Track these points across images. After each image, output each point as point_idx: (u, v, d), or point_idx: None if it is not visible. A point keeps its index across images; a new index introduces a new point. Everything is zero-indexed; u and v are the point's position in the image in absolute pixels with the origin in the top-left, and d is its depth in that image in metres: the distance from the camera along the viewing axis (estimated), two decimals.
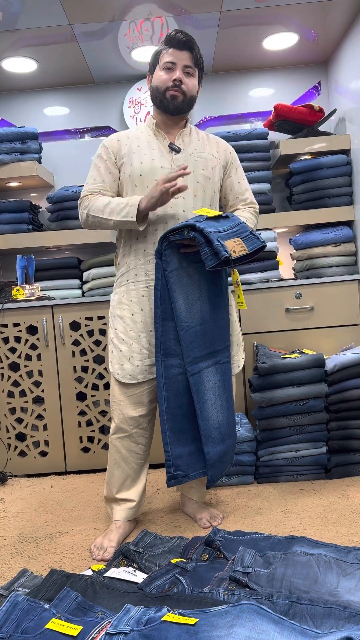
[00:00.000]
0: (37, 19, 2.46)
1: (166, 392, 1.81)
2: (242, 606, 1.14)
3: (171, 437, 1.81)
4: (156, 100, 1.92)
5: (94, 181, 1.93)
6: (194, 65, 1.90)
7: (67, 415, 2.65)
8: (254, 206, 2.02)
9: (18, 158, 2.85)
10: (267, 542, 1.66)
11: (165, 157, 1.90)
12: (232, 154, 2.02)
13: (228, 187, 2.00)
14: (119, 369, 1.88)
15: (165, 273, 1.77)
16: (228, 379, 1.91)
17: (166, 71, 1.89)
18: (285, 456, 2.29)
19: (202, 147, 1.96)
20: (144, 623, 1.12)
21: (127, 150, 1.92)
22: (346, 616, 1.21)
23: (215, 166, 1.95)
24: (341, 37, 2.84)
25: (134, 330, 1.88)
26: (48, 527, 2.03)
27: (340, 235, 2.77)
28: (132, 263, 1.90)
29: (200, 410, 1.80)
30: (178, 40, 1.87)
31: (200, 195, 1.90)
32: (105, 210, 1.84)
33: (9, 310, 2.64)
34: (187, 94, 1.90)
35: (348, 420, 2.30)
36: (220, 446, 1.86)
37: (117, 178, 1.94)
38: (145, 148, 1.92)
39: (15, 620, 1.19)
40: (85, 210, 1.90)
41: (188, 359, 1.79)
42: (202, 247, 1.67)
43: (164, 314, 1.79)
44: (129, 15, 2.50)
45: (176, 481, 1.81)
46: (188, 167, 1.88)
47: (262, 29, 2.70)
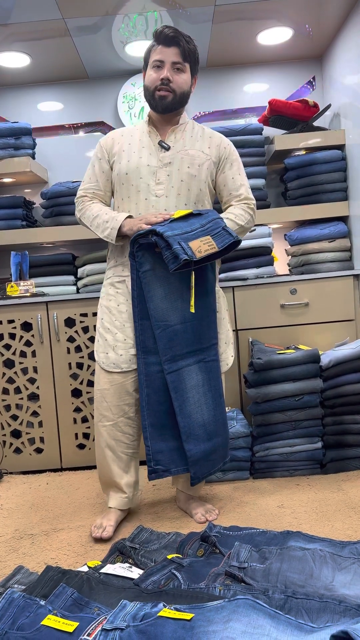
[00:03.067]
0: (30, 13, 2.44)
1: (146, 389, 1.84)
2: (238, 601, 1.14)
3: (152, 432, 1.84)
4: (147, 99, 1.94)
5: (89, 180, 2.00)
6: (183, 61, 1.89)
7: (63, 412, 2.65)
8: (249, 202, 1.97)
9: (12, 154, 2.83)
10: (262, 537, 1.66)
11: (154, 155, 1.91)
12: (226, 149, 1.98)
13: (221, 183, 1.98)
14: (104, 358, 1.92)
15: (139, 274, 1.81)
16: (215, 377, 1.91)
17: (155, 70, 1.89)
18: (280, 451, 2.29)
19: (193, 143, 1.95)
20: (140, 619, 1.12)
21: (119, 148, 1.95)
22: (341, 610, 1.21)
23: (204, 163, 1.93)
24: (336, 32, 2.84)
25: (119, 320, 1.92)
26: (44, 524, 2.03)
27: (335, 230, 2.77)
28: (119, 258, 1.96)
29: (179, 408, 1.82)
30: (165, 36, 1.86)
31: (184, 193, 1.90)
32: (93, 224, 1.94)
33: (3, 307, 2.63)
34: (177, 92, 1.89)
35: (343, 416, 2.31)
36: (205, 444, 1.86)
37: (110, 177, 1.98)
38: (136, 146, 1.93)
39: (11, 617, 1.19)
40: (79, 213, 2.02)
41: (165, 357, 1.81)
42: (164, 251, 1.69)
43: (142, 312, 1.83)
44: (122, 9, 2.48)
45: (156, 475, 1.85)
46: (173, 164, 1.90)
47: (256, 23, 2.69)
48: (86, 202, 1.98)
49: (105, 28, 2.63)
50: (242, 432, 2.29)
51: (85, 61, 2.95)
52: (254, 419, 2.31)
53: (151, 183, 1.89)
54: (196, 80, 1.99)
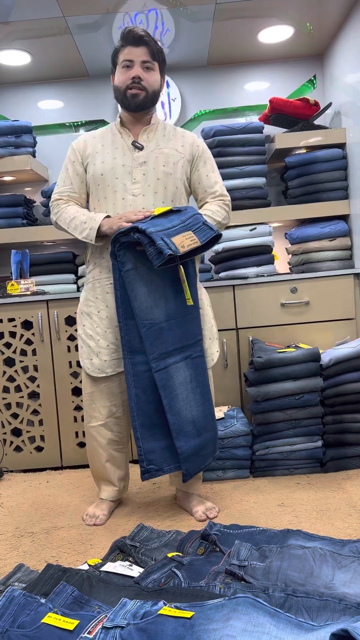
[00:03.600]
0: (31, 11, 2.44)
1: (135, 389, 1.84)
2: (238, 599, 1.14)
3: (142, 432, 1.85)
4: (118, 99, 1.95)
5: (63, 184, 2.01)
6: (152, 60, 1.91)
7: (63, 410, 2.65)
8: (224, 198, 2.00)
9: (12, 152, 2.83)
10: (263, 535, 1.67)
11: (128, 155, 1.93)
12: (199, 147, 2.01)
13: (196, 181, 2.01)
14: (88, 364, 1.97)
15: (122, 273, 1.80)
16: (202, 373, 1.92)
17: (125, 69, 1.91)
18: (280, 450, 2.29)
19: (166, 142, 1.96)
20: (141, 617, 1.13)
21: (92, 150, 1.96)
22: (341, 608, 1.21)
23: (178, 161, 1.95)
24: (336, 30, 2.83)
25: (100, 326, 1.95)
26: (44, 522, 2.03)
27: (336, 229, 2.77)
28: (97, 261, 1.97)
29: (168, 406, 1.82)
30: (133, 37, 1.88)
31: (160, 191, 1.92)
32: (70, 225, 1.94)
33: (4, 306, 2.63)
34: (148, 90, 1.91)
35: (343, 414, 2.31)
36: (195, 440, 1.87)
37: (84, 179, 1.99)
38: (109, 147, 1.95)
39: (11, 615, 1.19)
40: (54, 217, 2.00)
41: (152, 356, 1.81)
42: (147, 247, 1.70)
43: (126, 312, 1.82)
44: (123, 7, 2.48)
45: (149, 475, 1.85)
46: (148, 163, 1.91)
47: (257, 21, 2.68)
48: (61, 205, 1.98)
49: (105, 26, 2.62)
50: (242, 431, 2.29)
51: (86, 59, 2.95)
52: (254, 418, 2.32)
53: (127, 182, 1.90)
54: (164, 80, 2.01)
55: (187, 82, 3.17)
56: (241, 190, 2.79)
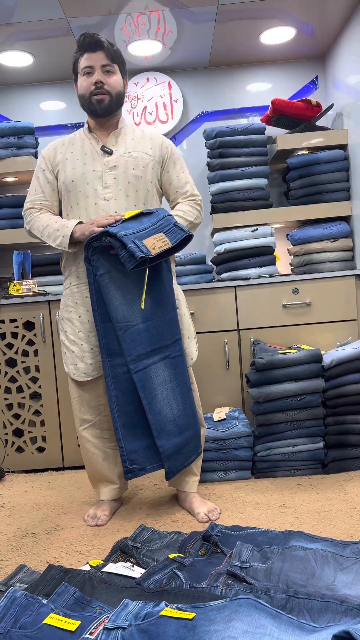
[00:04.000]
0: (33, 12, 2.44)
1: (115, 391, 1.87)
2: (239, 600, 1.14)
3: (124, 432, 1.88)
4: (85, 106, 1.97)
5: (35, 192, 2.02)
6: (111, 62, 1.92)
7: (65, 410, 2.65)
8: (195, 198, 2.03)
9: (14, 153, 2.83)
10: (264, 536, 1.66)
11: (98, 161, 1.94)
12: (168, 148, 2.02)
13: (167, 182, 2.02)
14: (73, 369, 1.98)
15: (97, 277, 1.83)
16: (181, 372, 1.94)
17: (86, 76, 1.93)
18: (282, 451, 2.29)
19: (134, 145, 1.98)
20: (142, 618, 1.13)
21: (62, 157, 1.98)
22: (343, 610, 1.21)
23: (148, 164, 1.97)
24: (338, 32, 2.83)
25: (83, 331, 1.97)
26: (46, 523, 2.03)
27: (338, 230, 2.77)
28: (74, 267, 1.98)
29: (148, 406, 1.85)
30: (88, 43, 1.90)
31: (132, 195, 1.94)
32: (44, 233, 1.95)
33: (6, 306, 2.64)
34: (112, 93, 1.93)
35: (345, 415, 2.31)
36: (177, 438, 1.89)
37: (55, 187, 2.01)
38: (79, 153, 1.96)
39: (13, 616, 1.19)
40: (27, 226, 2.01)
41: (130, 357, 1.84)
42: (119, 251, 1.72)
43: (103, 316, 1.86)
44: (125, 8, 2.48)
45: (132, 475, 1.89)
46: (119, 167, 1.93)
47: (259, 23, 2.68)
48: (34, 214, 1.98)
49: (108, 27, 2.63)
50: (244, 432, 2.29)
51: None
52: (255, 419, 2.32)
53: (98, 188, 1.92)
54: (127, 81, 2.02)
55: (189, 83, 3.17)
56: (243, 191, 2.79)
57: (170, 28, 2.68)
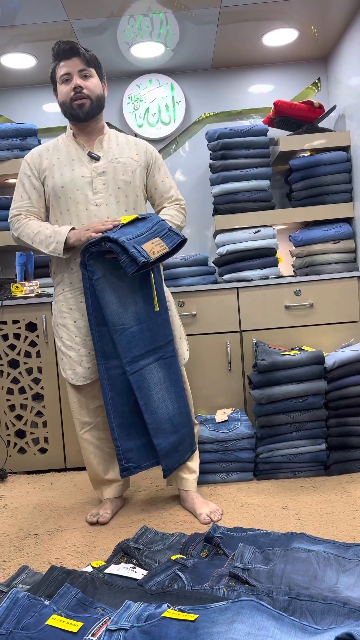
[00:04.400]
0: (36, 14, 2.45)
1: (110, 392, 1.91)
2: (242, 602, 1.14)
3: (120, 432, 1.93)
4: (67, 113, 1.97)
5: (21, 199, 2.01)
6: (87, 67, 1.94)
7: (67, 412, 2.65)
8: (180, 202, 2.07)
9: (17, 154, 2.84)
10: (266, 538, 1.66)
11: (86, 166, 1.95)
12: (152, 153, 2.05)
13: (152, 187, 2.05)
14: (72, 374, 1.99)
15: (92, 282, 1.86)
16: (175, 372, 1.98)
17: (65, 83, 1.94)
18: (284, 453, 2.29)
19: (121, 151, 1.99)
20: (144, 619, 1.13)
21: (48, 163, 1.97)
22: (345, 612, 1.21)
23: (136, 170, 1.99)
24: (341, 33, 2.84)
25: (79, 336, 1.98)
26: (48, 524, 2.03)
27: (340, 232, 2.77)
28: (66, 272, 1.99)
29: (145, 406, 1.89)
30: (63, 50, 1.92)
31: (122, 200, 1.95)
32: (35, 240, 1.93)
33: (8, 307, 2.64)
34: (92, 97, 1.94)
35: (347, 417, 2.31)
36: (173, 436, 1.94)
37: (42, 193, 2.00)
38: (65, 159, 1.96)
39: (15, 617, 1.19)
40: (16, 233, 1.99)
41: (126, 359, 1.87)
42: (120, 256, 1.75)
43: (98, 319, 1.88)
44: (128, 11, 2.49)
45: (128, 472, 1.94)
46: (107, 172, 1.94)
47: (261, 25, 2.69)
48: (22, 220, 1.97)
49: (110, 29, 2.63)
50: (246, 434, 2.29)
51: None
52: (257, 420, 2.31)
53: (89, 193, 1.93)
54: (106, 84, 2.03)
55: (192, 85, 3.18)
56: (245, 193, 2.79)
57: (173, 30, 2.69)
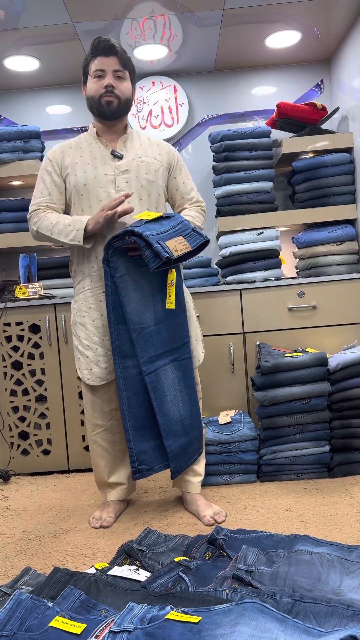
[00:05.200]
0: (40, 17, 2.46)
1: (126, 392, 1.89)
2: (245, 604, 1.14)
3: (134, 434, 1.91)
4: (93, 109, 1.97)
5: (41, 195, 2.00)
6: (123, 69, 1.94)
7: (70, 413, 2.65)
8: (201, 204, 2.08)
9: (20, 157, 2.85)
10: (270, 540, 1.66)
11: (109, 165, 1.94)
12: (174, 155, 2.06)
13: (174, 188, 2.05)
14: (88, 374, 1.98)
15: (114, 279, 1.84)
16: (189, 374, 1.97)
17: (97, 79, 1.93)
18: (287, 455, 2.29)
19: (144, 151, 2.00)
20: (148, 621, 1.13)
21: (71, 160, 1.97)
22: (349, 614, 1.21)
23: (159, 169, 1.99)
24: (344, 35, 2.84)
25: (97, 335, 1.97)
26: (51, 525, 2.03)
27: (343, 233, 2.77)
28: (87, 270, 1.97)
29: (158, 407, 1.88)
30: (103, 47, 1.91)
31: (145, 198, 1.95)
32: (54, 231, 1.92)
33: (12, 309, 2.65)
34: (121, 98, 1.94)
35: (351, 419, 2.30)
36: (182, 439, 1.93)
37: (63, 190, 2.00)
38: (88, 157, 1.96)
39: (19, 619, 1.19)
40: (34, 226, 1.97)
41: (143, 359, 1.86)
42: (143, 250, 1.73)
43: (117, 318, 1.86)
44: (131, 13, 2.49)
45: (141, 475, 1.92)
46: (130, 171, 1.94)
47: (264, 27, 2.69)
48: (40, 214, 1.96)
49: (113, 32, 2.64)
50: (249, 435, 2.28)
51: None
52: (261, 422, 2.31)
53: (112, 191, 1.92)
54: (135, 89, 2.03)
55: (195, 87, 3.18)
56: (248, 195, 2.79)
57: (176, 32, 2.69)
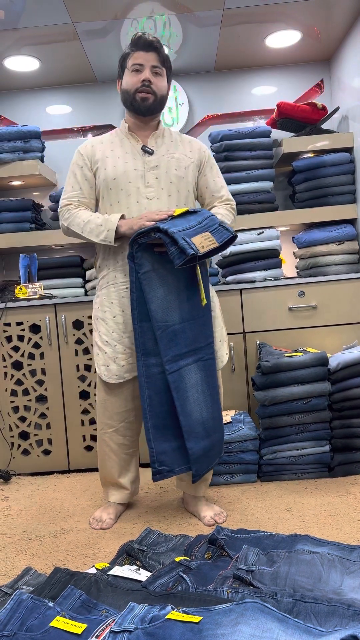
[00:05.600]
0: (40, 17, 2.46)
1: (148, 391, 1.85)
2: (246, 604, 1.14)
3: (155, 433, 1.85)
4: (127, 103, 1.96)
5: (72, 189, 1.99)
6: (161, 66, 1.93)
7: (70, 413, 2.65)
8: (231, 203, 2.05)
9: (21, 157, 2.85)
10: (270, 540, 1.66)
11: (139, 160, 1.93)
12: (205, 152, 2.04)
13: (203, 186, 2.03)
14: (105, 371, 1.95)
15: (139, 275, 1.81)
16: (212, 375, 1.93)
17: (135, 73, 1.92)
18: (288, 454, 2.29)
19: (175, 147, 1.98)
20: (148, 621, 1.13)
21: (101, 155, 1.96)
22: (350, 614, 1.21)
23: (189, 166, 1.97)
24: (344, 35, 2.83)
25: (117, 331, 1.94)
26: (52, 525, 2.03)
27: (344, 233, 2.77)
28: (112, 265, 1.95)
29: (181, 407, 1.83)
30: (144, 42, 1.90)
31: (174, 195, 1.94)
32: (85, 229, 1.91)
33: (12, 309, 2.65)
34: (157, 94, 1.93)
35: (351, 419, 2.30)
36: (204, 441, 1.88)
37: (93, 184, 1.99)
38: (119, 151, 1.95)
39: (19, 619, 1.19)
40: (65, 222, 1.97)
41: (166, 358, 1.82)
42: (169, 247, 1.71)
43: (141, 315, 1.83)
44: (131, 13, 2.49)
45: (161, 476, 1.86)
46: (160, 167, 1.92)
47: (264, 26, 2.69)
48: (72, 210, 1.96)
49: (114, 32, 2.64)
50: (249, 435, 2.28)
51: (94, 65, 2.97)
52: (261, 422, 2.31)
53: (141, 186, 1.91)
54: (170, 87, 2.02)
55: (195, 86, 3.18)
56: (248, 195, 2.79)
57: (176, 32, 2.69)
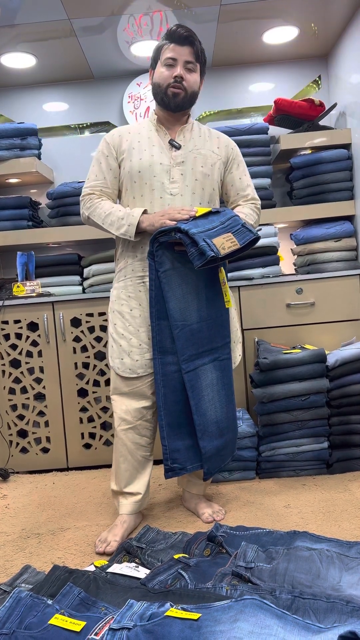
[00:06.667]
0: (36, 13, 2.45)
1: (163, 389, 1.84)
2: (245, 601, 1.14)
3: (168, 431, 1.85)
4: (157, 96, 1.91)
5: (95, 177, 1.94)
6: (195, 61, 1.88)
7: (69, 411, 2.65)
8: (256, 202, 2.00)
9: (17, 154, 2.84)
10: (269, 537, 1.66)
11: (165, 154, 1.89)
12: (233, 149, 1.99)
13: (229, 183, 1.99)
14: (119, 364, 1.91)
15: (159, 273, 1.79)
16: (228, 375, 1.92)
17: (167, 67, 1.87)
18: (286, 451, 2.29)
19: (203, 143, 1.94)
20: (147, 618, 1.13)
21: (128, 145, 1.91)
22: (349, 610, 1.21)
23: (215, 163, 1.93)
24: (341, 31, 2.83)
25: (133, 325, 1.90)
26: (50, 524, 2.03)
27: (341, 230, 2.76)
28: (130, 259, 1.92)
29: (196, 406, 1.83)
30: (179, 36, 1.85)
31: (198, 192, 1.90)
32: (106, 221, 1.87)
33: (10, 307, 2.64)
34: (188, 90, 1.89)
35: (349, 415, 2.30)
36: (217, 440, 1.88)
37: (117, 174, 1.94)
38: (146, 144, 1.91)
39: (18, 616, 1.19)
40: (87, 212, 1.93)
41: (183, 357, 1.82)
42: (189, 248, 1.69)
43: (159, 313, 1.82)
44: (128, 9, 2.48)
45: (173, 473, 1.86)
46: (187, 163, 1.88)
47: (261, 22, 2.68)
48: (94, 200, 1.91)
49: (110, 28, 2.63)
50: (248, 432, 2.28)
51: (91, 61, 2.96)
52: (260, 419, 2.31)
53: (165, 181, 1.87)
54: (203, 81, 1.99)
55: None
56: None
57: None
